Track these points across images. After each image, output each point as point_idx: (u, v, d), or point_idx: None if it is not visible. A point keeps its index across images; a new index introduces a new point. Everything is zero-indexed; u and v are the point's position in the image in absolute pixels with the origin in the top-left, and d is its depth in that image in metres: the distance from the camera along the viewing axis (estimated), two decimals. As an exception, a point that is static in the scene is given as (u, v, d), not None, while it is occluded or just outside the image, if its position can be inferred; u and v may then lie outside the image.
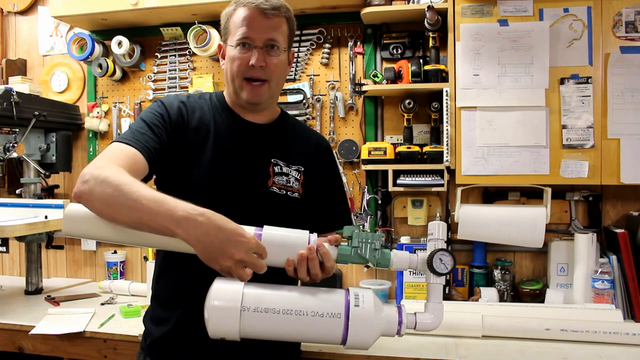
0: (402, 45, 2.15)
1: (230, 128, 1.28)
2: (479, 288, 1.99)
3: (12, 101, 2.09)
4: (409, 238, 2.11)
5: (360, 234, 1.11)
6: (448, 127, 1.95)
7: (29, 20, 2.65)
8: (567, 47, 1.88)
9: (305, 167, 1.32)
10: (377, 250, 1.11)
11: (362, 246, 1.10)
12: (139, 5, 2.15)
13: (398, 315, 1.10)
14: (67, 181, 2.59)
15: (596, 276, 1.83)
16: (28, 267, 2.28)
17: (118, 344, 1.74)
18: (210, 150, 1.24)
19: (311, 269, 1.06)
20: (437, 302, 1.14)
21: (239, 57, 1.21)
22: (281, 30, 1.23)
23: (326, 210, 1.38)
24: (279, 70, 1.25)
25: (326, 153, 1.41)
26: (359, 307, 1.05)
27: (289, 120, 1.40)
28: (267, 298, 1.04)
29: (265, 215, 1.18)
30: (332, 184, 1.41)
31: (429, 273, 1.12)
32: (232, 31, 1.23)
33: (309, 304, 1.05)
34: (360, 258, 1.10)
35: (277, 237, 1.08)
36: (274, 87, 1.26)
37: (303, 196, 1.30)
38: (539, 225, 1.91)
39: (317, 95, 2.27)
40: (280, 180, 1.27)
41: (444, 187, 1.99)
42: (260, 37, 1.20)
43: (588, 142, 1.86)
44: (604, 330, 1.58)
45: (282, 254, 1.06)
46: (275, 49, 1.22)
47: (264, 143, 1.29)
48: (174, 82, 2.43)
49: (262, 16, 1.20)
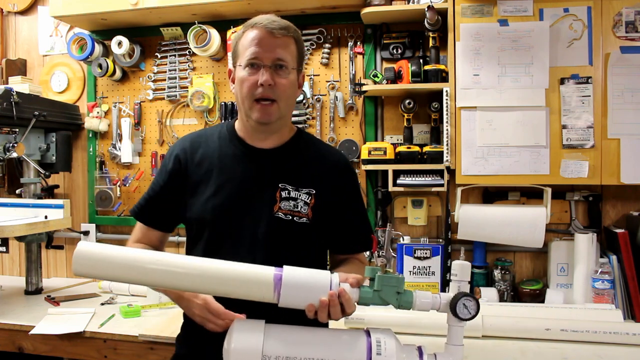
0: (402, 45, 2.15)
1: (236, 157, 1.30)
2: (479, 288, 1.99)
3: (12, 101, 2.08)
4: (409, 238, 2.11)
5: (383, 278, 1.09)
6: (448, 127, 1.95)
7: (29, 20, 2.66)
8: (567, 47, 1.88)
9: (317, 189, 1.29)
10: (399, 294, 1.09)
11: (385, 289, 1.08)
12: (139, 5, 2.15)
13: (419, 357, 1.09)
14: (67, 181, 2.59)
15: (596, 276, 1.83)
16: (28, 267, 2.28)
17: (118, 344, 1.74)
18: (213, 183, 1.28)
19: (332, 315, 1.06)
20: (457, 345, 1.12)
21: (248, 78, 1.21)
22: (289, 49, 1.24)
23: (347, 231, 1.36)
24: (288, 90, 1.24)
25: (343, 171, 1.36)
26: (381, 356, 1.04)
27: (302, 140, 1.36)
28: (288, 347, 1.04)
29: (271, 240, 1.23)
30: (351, 202, 1.36)
31: (451, 315, 1.11)
32: (241, 53, 1.24)
33: (331, 352, 1.04)
34: (382, 301, 1.09)
35: (298, 279, 1.07)
36: (283, 107, 1.25)
37: (313, 220, 1.27)
38: (539, 225, 1.91)
39: (317, 95, 2.27)
40: (286, 206, 1.26)
41: (444, 187, 1.99)
42: (269, 56, 1.21)
43: (588, 142, 1.86)
44: (604, 330, 1.59)
45: (302, 296, 1.06)
46: (284, 68, 1.22)
47: (271, 168, 1.29)
48: (174, 82, 2.43)
49: (270, 36, 1.21)
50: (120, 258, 1.07)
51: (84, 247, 1.07)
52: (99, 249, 1.08)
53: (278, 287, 1.04)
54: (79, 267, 1.06)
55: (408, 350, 1.10)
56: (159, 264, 1.07)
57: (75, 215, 2.53)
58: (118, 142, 2.49)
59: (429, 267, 2.03)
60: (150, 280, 1.09)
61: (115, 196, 2.47)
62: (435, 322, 1.65)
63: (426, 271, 2.03)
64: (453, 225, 2.04)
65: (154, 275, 1.07)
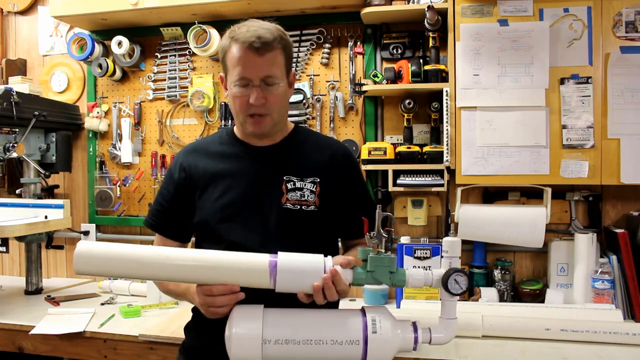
0: (402, 45, 2.14)
1: (239, 157, 1.34)
2: (479, 288, 1.99)
3: (12, 101, 2.09)
4: (409, 238, 2.11)
5: (375, 258, 1.12)
6: (448, 127, 1.95)
7: (29, 20, 2.66)
8: (567, 47, 1.88)
9: (321, 178, 1.32)
10: (392, 273, 1.13)
11: (378, 270, 1.12)
12: (139, 5, 2.15)
13: (414, 332, 1.13)
14: (67, 181, 2.59)
15: (596, 276, 1.83)
16: (28, 267, 2.28)
17: (118, 344, 1.74)
18: (220, 184, 1.31)
19: (328, 297, 1.10)
20: (450, 318, 1.16)
21: (240, 97, 1.24)
22: (277, 63, 1.24)
23: (351, 218, 1.37)
24: (280, 101, 1.28)
25: (343, 161, 1.38)
26: (377, 334, 1.09)
27: (301, 134, 1.41)
28: (286, 330, 1.08)
29: (283, 231, 1.27)
30: (354, 190, 1.40)
31: (443, 290, 1.14)
32: (230, 69, 1.25)
33: (328, 332, 1.09)
34: (375, 281, 1.12)
35: (293, 264, 1.10)
36: (276, 117, 1.28)
37: (320, 207, 1.31)
38: (539, 225, 1.91)
39: (317, 95, 2.27)
40: (293, 196, 1.29)
41: (444, 187, 1.99)
42: (257, 75, 1.22)
43: (588, 142, 1.86)
44: (604, 330, 1.59)
45: (298, 280, 1.09)
46: (274, 84, 1.24)
47: (274, 163, 1.33)
48: (174, 82, 2.43)
49: (255, 55, 1.21)
50: (119, 255, 1.10)
51: (83, 247, 1.11)
52: (98, 248, 1.12)
53: (274, 273, 1.09)
54: (80, 266, 1.09)
55: (403, 326, 1.14)
56: (156, 258, 1.10)
57: (75, 215, 2.53)
58: (118, 142, 2.49)
59: (429, 267, 2.03)
60: (149, 273, 1.12)
61: (115, 196, 2.47)
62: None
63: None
64: (453, 225, 2.04)
65: (152, 269, 1.10)
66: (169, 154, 2.42)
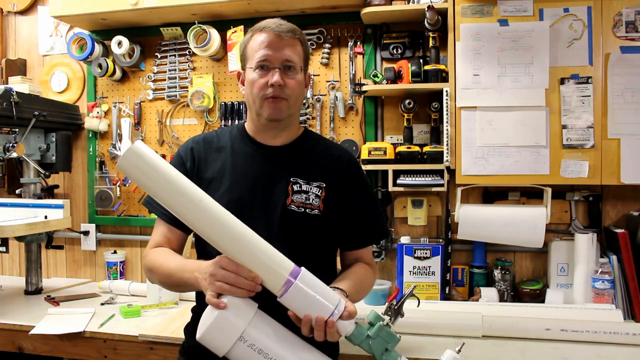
0: (402, 45, 2.15)
1: (248, 154, 1.35)
2: (479, 288, 1.99)
3: (12, 101, 2.08)
4: (409, 238, 2.11)
5: (382, 329, 1.10)
6: (448, 127, 1.95)
7: (28, 20, 2.65)
8: (567, 47, 1.88)
9: (327, 183, 1.33)
10: (387, 352, 1.10)
11: (377, 339, 1.10)
12: (139, 5, 2.15)
13: None
14: (67, 181, 2.59)
15: (596, 276, 1.83)
16: (28, 267, 2.28)
17: (118, 344, 1.74)
18: (227, 179, 1.31)
19: (315, 335, 1.08)
20: None
21: (259, 80, 1.27)
22: (297, 51, 1.30)
23: (356, 224, 1.37)
24: (297, 89, 1.30)
25: (348, 168, 1.38)
26: None
27: (310, 138, 1.42)
28: (265, 340, 1.06)
29: (285, 232, 1.26)
30: (360, 195, 1.39)
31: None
32: (250, 56, 1.29)
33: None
34: (369, 347, 1.10)
35: (310, 286, 1.07)
36: (292, 105, 1.30)
37: (324, 212, 1.31)
38: (539, 225, 1.91)
39: (317, 95, 2.27)
40: (299, 199, 1.30)
41: (444, 187, 1.99)
42: (278, 57, 1.26)
43: (588, 142, 1.86)
44: (604, 330, 1.58)
45: (302, 303, 1.06)
46: (293, 69, 1.28)
47: (282, 163, 1.33)
48: (173, 82, 2.43)
49: (278, 38, 1.27)
50: (168, 174, 1.07)
51: (140, 146, 1.07)
52: (153, 156, 1.08)
53: (289, 283, 1.06)
54: (125, 161, 1.05)
55: None
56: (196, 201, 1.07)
57: (75, 215, 2.53)
58: (118, 142, 2.49)
59: (429, 267, 2.03)
60: (179, 207, 1.08)
61: (115, 196, 2.47)
62: (435, 323, 1.66)
63: (426, 271, 2.03)
64: (453, 225, 2.04)
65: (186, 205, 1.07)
66: (169, 154, 2.42)
